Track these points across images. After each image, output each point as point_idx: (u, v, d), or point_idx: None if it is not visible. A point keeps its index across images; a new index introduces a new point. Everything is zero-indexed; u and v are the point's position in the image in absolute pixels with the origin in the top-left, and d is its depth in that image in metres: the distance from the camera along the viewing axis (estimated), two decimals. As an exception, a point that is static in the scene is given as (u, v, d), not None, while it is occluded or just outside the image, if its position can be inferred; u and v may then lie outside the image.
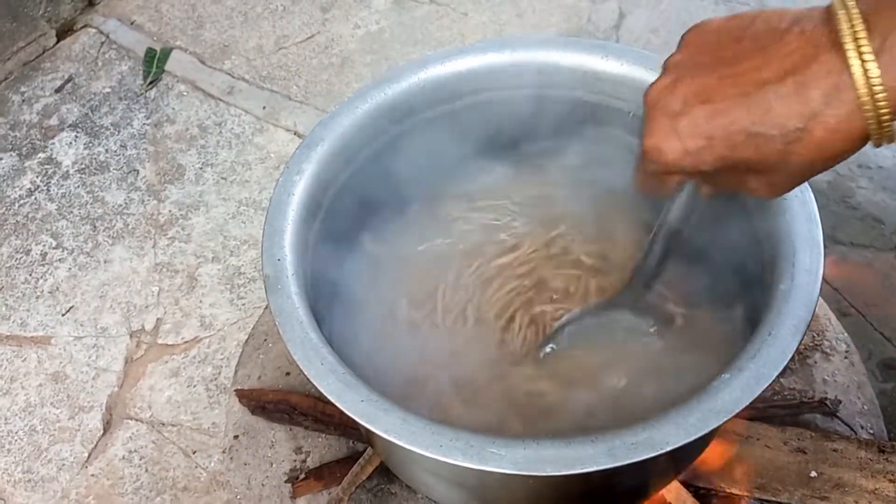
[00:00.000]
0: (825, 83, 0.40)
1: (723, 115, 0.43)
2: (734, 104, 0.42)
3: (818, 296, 0.57)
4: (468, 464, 0.52)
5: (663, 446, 0.51)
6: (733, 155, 0.44)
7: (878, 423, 0.92)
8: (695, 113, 0.44)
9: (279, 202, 0.68)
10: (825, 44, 0.40)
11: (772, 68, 0.41)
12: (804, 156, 0.42)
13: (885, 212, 1.29)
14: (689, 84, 0.44)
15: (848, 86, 0.39)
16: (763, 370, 0.54)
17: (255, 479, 0.90)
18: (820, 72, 0.40)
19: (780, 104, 0.41)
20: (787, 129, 0.41)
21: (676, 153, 0.45)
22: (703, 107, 0.43)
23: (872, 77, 0.38)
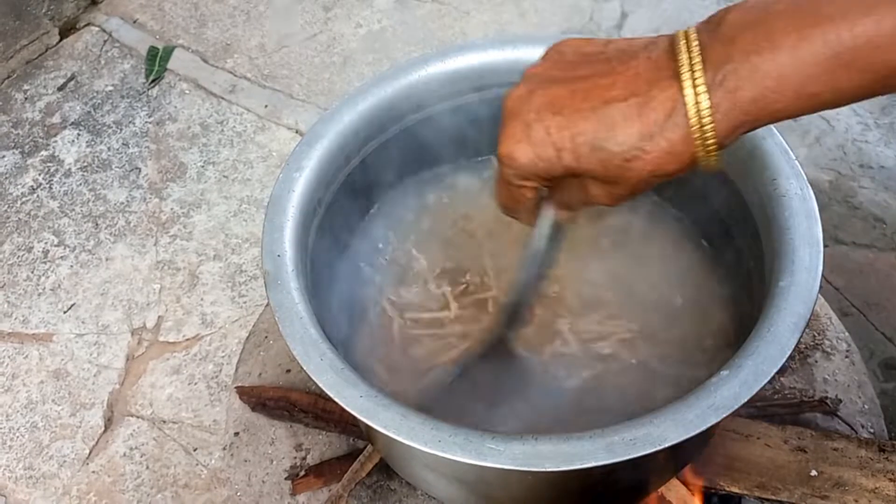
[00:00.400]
0: (662, 108, 0.43)
1: (571, 126, 0.45)
2: (582, 117, 0.45)
3: (817, 293, 0.57)
4: (467, 459, 0.52)
5: (662, 442, 0.51)
6: (579, 165, 0.46)
7: (878, 423, 0.92)
8: (546, 122, 0.46)
9: (279, 199, 0.68)
10: (667, 70, 0.43)
11: (618, 87, 0.44)
12: (641, 171, 0.45)
13: (886, 211, 1.29)
14: (542, 95, 0.47)
15: (682, 113, 0.42)
16: (762, 367, 0.54)
17: (256, 475, 0.90)
18: (659, 96, 0.43)
19: (623, 122, 0.44)
20: (627, 147, 0.44)
21: (528, 158, 0.47)
22: (555, 117, 0.46)
23: (703, 108, 0.42)
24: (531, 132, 0.46)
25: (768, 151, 0.65)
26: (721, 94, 0.41)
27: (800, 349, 0.96)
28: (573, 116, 0.45)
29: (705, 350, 0.70)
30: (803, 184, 0.63)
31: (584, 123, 0.45)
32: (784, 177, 0.64)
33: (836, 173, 1.37)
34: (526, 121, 0.47)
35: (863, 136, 1.41)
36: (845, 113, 1.45)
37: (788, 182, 0.64)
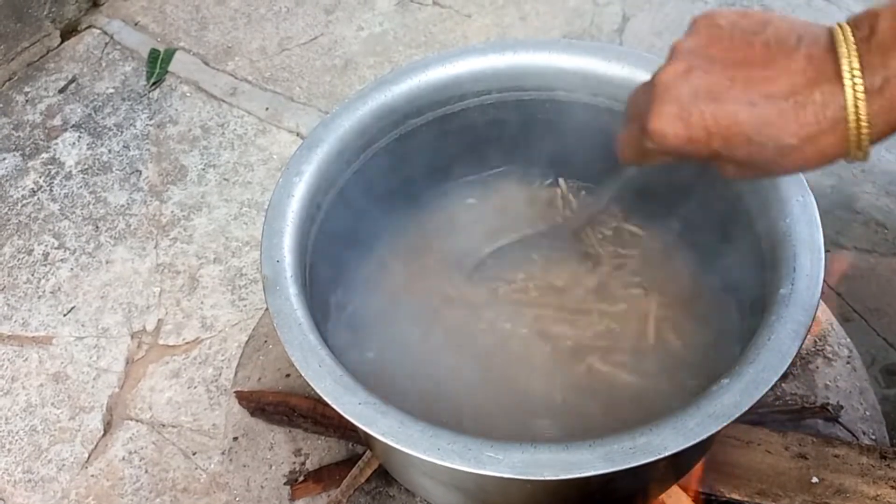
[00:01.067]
0: (823, 112, 0.43)
1: (729, 117, 0.45)
2: (740, 110, 0.45)
3: (818, 300, 0.57)
4: (465, 467, 0.52)
5: (661, 451, 0.51)
6: (727, 152, 0.46)
7: (880, 429, 0.92)
8: (704, 108, 0.46)
9: (279, 203, 0.68)
10: (827, 73, 0.43)
11: (779, 84, 0.44)
12: (788, 166, 0.46)
13: (888, 216, 1.29)
14: (701, 77, 0.46)
15: (842, 119, 0.43)
16: (762, 375, 0.53)
17: (255, 480, 0.90)
18: (820, 99, 0.43)
19: (782, 120, 0.44)
20: (782, 144, 0.44)
21: (680, 140, 0.47)
22: (712, 104, 0.45)
23: (861, 116, 0.42)
24: (687, 114, 0.46)
25: (769, 157, 0.65)
26: (879, 103, 0.42)
27: (801, 355, 0.96)
28: (732, 107, 0.45)
29: (706, 356, 0.70)
30: (804, 190, 0.63)
31: (742, 115, 0.45)
32: (785, 183, 0.64)
33: (838, 178, 1.36)
34: (681, 101, 0.47)
35: (865, 140, 1.41)
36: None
37: (789, 188, 0.63)
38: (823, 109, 0.43)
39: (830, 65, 0.43)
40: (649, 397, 0.68)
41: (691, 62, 0.47)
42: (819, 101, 0.43)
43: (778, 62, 0.45)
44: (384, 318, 0.76)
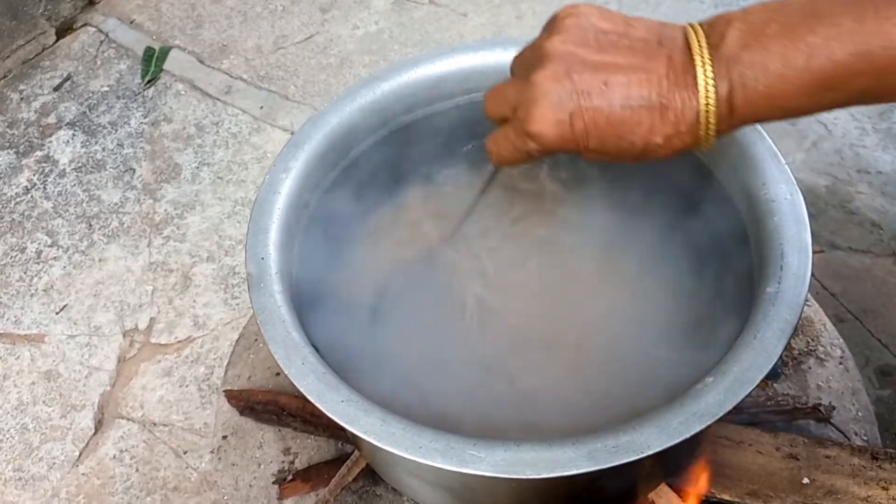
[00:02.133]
0: (683, 114, 0.48)
1: (605, 117, 0.49)
2: (616, 111, 0.48)
3: (805, 299, 0.56)
4: (447, 466, 0.51)
5: (644, 450, 0.50)
6: (600, 148, 0.50)
7: (872, 430, 0.92)
8: (582, 110, 0.49)
9: (265, 201, 0.68)
10: (686, 78, 0.48)
11: (648, 87, 0.48)
12: (647, 158, 0.51)
13: (883, 217, 1.28)
14: (577, 81, 0.49)
15: (695, 122, 0.48)
16: (747, 374, 0.53)
17: (243, 479, 0.89)
18: (680, 104, 0.48)
19: (651, 122, 0.48)
20: (650, 142, 0.49)
21: (557, 139, 0.50)
22: (590, 107, 0.49)
23: (711, 119, 0.48)
24: (566, 116, 0.49)
25: (758, 156, 0.65)
26: (725, 106, 0.47)
27: (793, 355, 0.96)
28: (608, 109, 0.49)
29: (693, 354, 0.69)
30: (793, 189, 0.63)
31: (616, 117, 0.49)
32: (773, 181, 0.63)
33: (834, 178, 1.36)
34: (561, 104, 0.49)
35: (860, 140, 1.41)
36: (843, 118, 1.44)
37: (778, 187, 0.63)
38: (683, 112, 0.48)
39: (688, 69, 0.48)
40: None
41: (567, 65, 0.50)
42: (679, 106, 0.48)
43: (644, 65, 0.48)
44: (373, 314, 0.75)
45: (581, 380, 0.70)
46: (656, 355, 0.71)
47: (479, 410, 0.67)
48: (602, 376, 0.70)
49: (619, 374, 0.70)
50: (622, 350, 0.72)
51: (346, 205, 0.77)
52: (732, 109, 0.48)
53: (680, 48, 0.48)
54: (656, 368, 0.69)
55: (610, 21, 0.51)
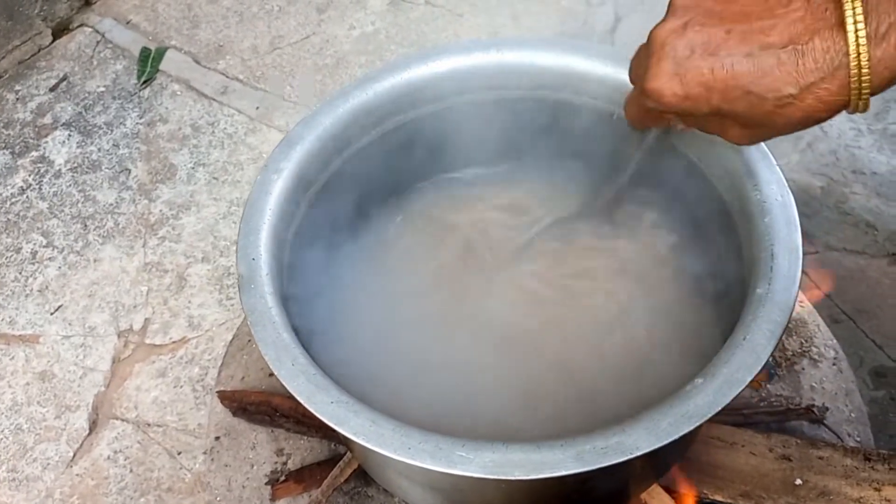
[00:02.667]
0: (824, 58, 0.43)
1: (726, 69, 0.45)
2: (738, 61, 0.45)
3: (795, 300, 0.56)
4: (436, 467, 0.51)
5: (633, 451, 0.50)
6: (727, 107, 0.46)
7: (865, 431, 0.92)
8: (700, 63, 0.46)
9: (256, 201, 0.68)
10: (828, 19, 0.42)
11: (777, 32, 0.43)
12: (790, 118, 0.45)
13: (878, 218, 1.28)
14: (697, 32, 0.46)
15: (843, 65, 0.42)
16: (737, 375, 0.53)
17: (236, 480, 0.89)
18: (820, 47, 0.42)
19: (780, 69, 0.43)
20: (782, 94, 0.44)
21: (677, 97, 0.47)
22: (709, 58, 0.45)
23: (863, 62, 0.42)
24: (683, 71, 0.46)
25: (750, 157, 0.65)
26: (883, 48, 0.41)
27: (787, 356, 0.96)
28: (729, 59, 0.45)
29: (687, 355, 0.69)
30: (784, 190, 0.63)
31: (739, 67, 0.44)
32: (765, 183, 0.63)
33: (829, 179, 1.36)
34: (677, 58, 0.46)
35: (855, 141, 1.41)
36: (838, 118, 1.43)
37: (769, 188, 0.63)
38: (824, 55, 0.43)
39: (832, 11, 0.42)
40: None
41: (687, 17, 0.47)
42: (819, 48, 0.43)
43: (776, 11, 0.44)
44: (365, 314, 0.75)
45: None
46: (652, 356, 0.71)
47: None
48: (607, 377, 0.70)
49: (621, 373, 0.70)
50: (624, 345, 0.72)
51: (338, 205, 0.77)
52: (895, 52, 0.41)
53: None
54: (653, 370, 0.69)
55: None
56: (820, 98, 0.44)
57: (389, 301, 0.76)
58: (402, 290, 0.76)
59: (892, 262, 1.23)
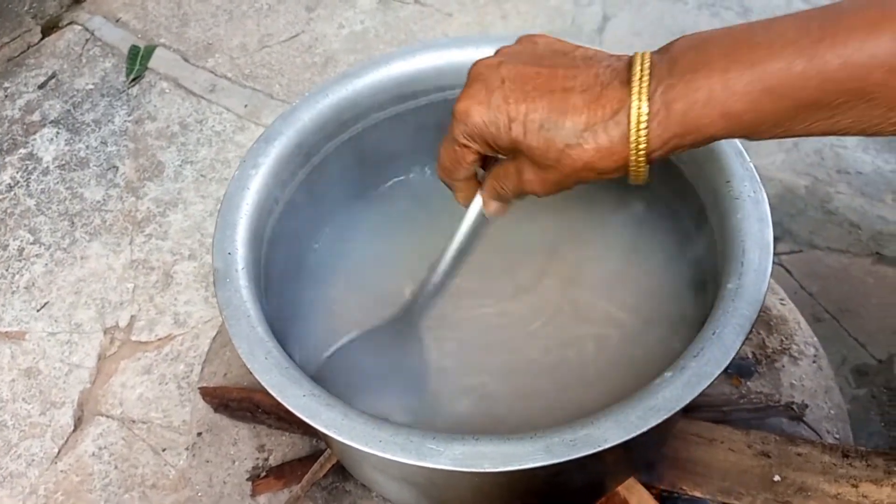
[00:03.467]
0: (610, 106, 0.47)
1: (529, 102, 0.49)
2: (539, 97, 0.49)
3: (765, 296, 0.57)
4: (406, 459, 0.52)
5: (601, 444, 0.51)
6: (524, 140, 0.50)
7: (844, 428, 0.92)
8: (507, 93, 0.50)
9: (234, 196, 0.68)
10: (621, 78, 0.48)
11: (577, 81, 0.49)
12: (576, 161, 0.49)
13: (862, 217, 1.29)
14: (511, 68, 0.51)
15: (624, 114, 0.47)
16: (705, 369, 0.53)
17: (217, 476, 0.89)
18: (609, 96, 0.47)
19: (573, 112, 0.48)
20: (571, 134, 0.48)
21: (481, 119, 0.51)
22: (515, 91, 0.50)
23: (642, 112, 0.46)
24: (492, 97, 0.50)
25: (723, 153, 0.65)
26: (659, 104, 0.46)
27: (767, 353, 0.96)
28: (532, 94, 0.49)
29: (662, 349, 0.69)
30: (756, 186, 0.63)
31: (539, 102, 0.49)
32: (738, 179, 0.64)
33: (814, 178, 1.36)
34: (490, 86, 0.51)
35: (840, 141, 1.41)
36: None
37: (742, 184, 0.63)
38: (610, 104, 0.47)
39: (625, 73, 0.48)
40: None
41: (505, 58, 0.52)
42: (608, 97, 0.47)
43: (580, 69, 0.49)
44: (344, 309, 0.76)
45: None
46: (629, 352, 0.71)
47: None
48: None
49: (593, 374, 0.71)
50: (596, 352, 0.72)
51: (318, 201, 0.77)
52: (669, 110, 0.45)
53: (624, 60, 0.49)
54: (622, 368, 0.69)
55: (562, 43, 0.53)
56: (602, 145, 0.48)
57: (368, 296, 0.76)
58: (380, 285, 0.76)
59: (875, 262, 1.23)
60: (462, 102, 0.52)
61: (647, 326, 0.72)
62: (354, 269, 0.78)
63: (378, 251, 0.79)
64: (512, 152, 0.52)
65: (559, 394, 0.68)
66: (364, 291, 0.77)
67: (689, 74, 0.45)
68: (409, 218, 0.80)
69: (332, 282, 0.77)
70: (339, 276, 0.78)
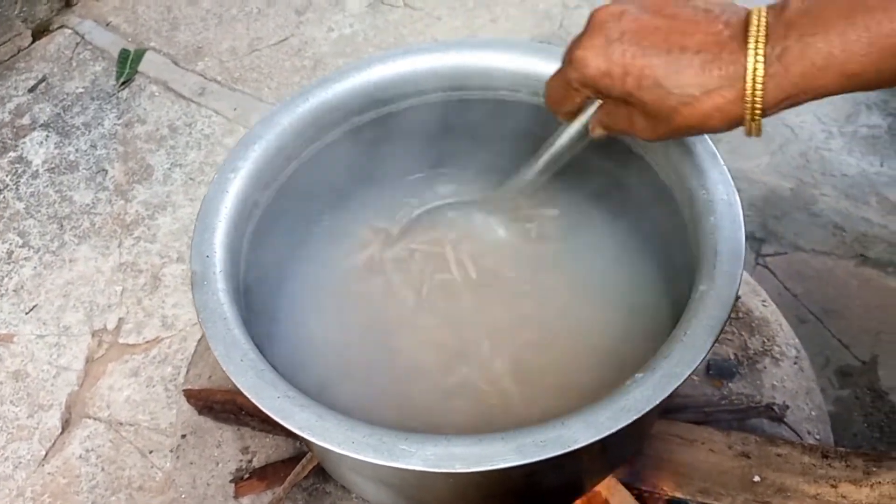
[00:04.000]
0: (726, 68, 0.48)
1: (645, 59, 0.50)
2: (656, 55, 0.49)
3: (736, 297, 0.57)
4: (379, 460, 0.52)
5: (572, 444, 0.51)
6: (637, 93, 0.51)
7: (825, 429, 0.93)
8: (626, 46, 0.50)
9: (212, 199, 0.68)
10: (738, 40, 0.48)
11: (694, 39, 0.49)
12: (689, 118, 0.50)
13: (847, 219, 1.30)
14: (631, 21, 0.51)
15: (740, 77, 0.48)
16: (675, 369, 0.54)
17: (201, 478, 0.90)
18: (725, 58, 0.48)
19: (689, 71, 0.49)
20: (685, 93, 0.49)
21: (597, 70, 0.51)
22: (634, 45, 0.50)
23: (758, 75, 0.47)
24: (610, 49, 0.51)
25: (698, 156, 0.65)
26: (775, 67, 0.47)
27: (749, 355, 0.97)
28: (650, 50, 0.50)
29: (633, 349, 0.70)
30: (730, 190, 0.64)
31: (656, 59, 0.49)
32: (712, 182, 0.64)
33: (799, 181, 1.37)
34: (609, 36, 0.51)
35: (826, 144, 1.42)
36: (809, 121, 1.45)
37: (716, 187, 0.64)
38: (727, 66, 0.48)
39: (741, 34, 0.48)
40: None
41: (626, 8, 0.52)
42: (725, 60, 0.48)
43: (699, 23, 0.49)
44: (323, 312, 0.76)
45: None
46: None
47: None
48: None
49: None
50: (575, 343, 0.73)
51: (298, 204, 0.77)
52: (785, 70, 0.46)
53: (741, 17, 0.49)
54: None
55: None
56: (717, 105, 0.49)
57: (346, 299, 0.76)
58: (358, 289, 0.76)
59: (859, 264, 1.24)
60: (580, 50, 0.52)
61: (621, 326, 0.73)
62: (335, 273, 0.79)
63: (358, 255, 0.79)
64: (624, 101, 0.53)
65: (534, 392, 0.69)
66: (343, 295, 0.77)
67: (807, 37, 0.46)
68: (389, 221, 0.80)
69: (311, 285, 0.77)
70: (320, 279, 0.78)
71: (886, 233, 1.25)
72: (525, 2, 1.74)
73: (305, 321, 0.76)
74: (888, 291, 1.20)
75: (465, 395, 0.69)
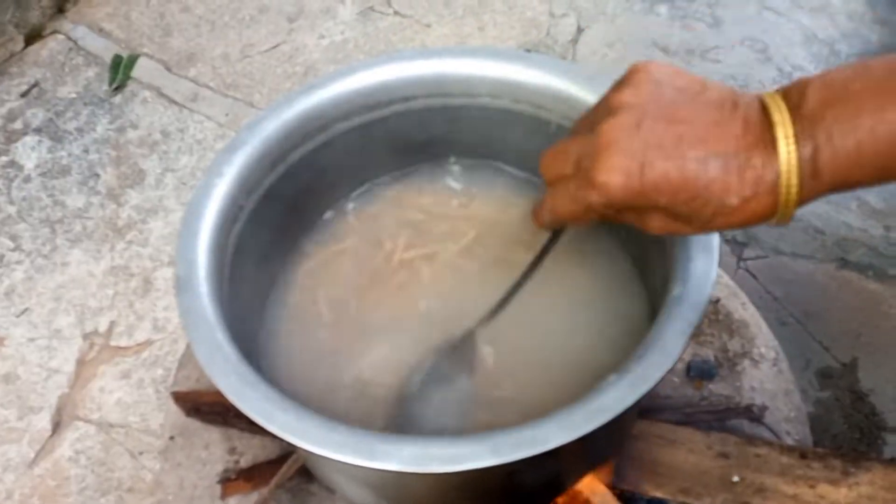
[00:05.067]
0: (762, 174, 0.45)
1: (679, 173, 0.46)
2: (690, 167, 0.46)
3: (708, 301, 0.59)
4: (357, 461, 0.53)
5: (545, 444, 0.52)
6: (672, 206, 0.48)
7: (803, 430, 0.94)
8: (654, 162, 0.46)
9: (197, 204, 0.69)
10: (764, 138, 0.45)
11: (724, 144, 0.46)
12: (724, 223, 0.48)
13: (827, 223, 1.31)
14: (649, 132, 0.47)
15: (776, 183, 0.45)
16: (648, 372, 0.55)
17: (188, 480, 0.91)
18: (759, 163, 0.45)
19: (728, 180, 0.46)
20: (724, 202, 0.47)
21: (627, 193, 0.48)
22: (661, 160, 0.46)
23: (793, 181, 0.45)
24: (638, 168, 0.47)
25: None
26: (809, 169, 0.44)
27: (728, 357, 0.98)
28: (681, 163, 0.46)
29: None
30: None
31: (691, 172, 0.46)
32: (687, 187, 0.65)
33: (783, 186, 1.39)
34: (631, 154, 0.47)
35: (810, 149, 1.44)
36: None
37: (691, 192, 0.65)
38: (763, 173, 0.45)
39: (767, 129, 0.45)
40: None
41: (638, 116, 0.48)
42: (758, 165, 0.45)
43: (720, 123, 0.46)
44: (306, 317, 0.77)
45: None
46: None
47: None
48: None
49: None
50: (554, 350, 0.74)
51: (284, 209, 0.79)
52: (817, 171, 0.44)
53: (757, 110, 0.47)
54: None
55: (684, 79, 0.49)
56: (753, 210, 0.47)
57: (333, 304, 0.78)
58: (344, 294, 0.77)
59: (839, 267, 1.26)
60: (603, 174, 0.48)
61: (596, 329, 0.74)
62: (320, 278, 0.80)
63: (343, 260, 0.81)
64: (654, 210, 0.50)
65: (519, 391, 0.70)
66: (330, 300, 0.78)
67: (837, 137, 0.44)
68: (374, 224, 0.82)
69: (297, 288, 0.78)
70: (305, 283, 0.79)
71: (866, 237, 1.27)
72: (513, 10, 1.76)
73: (290, 326, 0.77)
74: (868, 294, 1.22)
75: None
